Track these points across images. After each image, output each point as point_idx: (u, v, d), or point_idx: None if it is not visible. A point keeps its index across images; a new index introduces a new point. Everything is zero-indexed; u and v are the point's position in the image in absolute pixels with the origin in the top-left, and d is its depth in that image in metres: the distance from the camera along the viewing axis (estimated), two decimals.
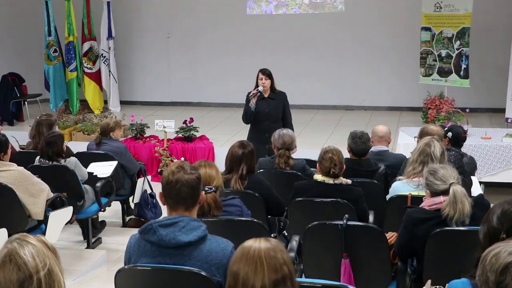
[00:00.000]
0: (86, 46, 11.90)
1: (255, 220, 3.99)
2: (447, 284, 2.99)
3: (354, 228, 3.84)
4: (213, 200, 3.76)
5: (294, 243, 4.22)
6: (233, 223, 3.85)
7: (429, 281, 3.08)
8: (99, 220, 6.72)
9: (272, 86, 7.16)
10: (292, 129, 6.79)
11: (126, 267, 2.97)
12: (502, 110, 10.11)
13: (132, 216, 7.10)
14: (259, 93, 7.05)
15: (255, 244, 2.22)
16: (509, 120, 9.82)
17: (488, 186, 7.37)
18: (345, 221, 3.80)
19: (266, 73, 7.11)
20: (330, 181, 4.56)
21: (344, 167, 4.61)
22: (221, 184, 3.88)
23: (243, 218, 3.92)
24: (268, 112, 7.11)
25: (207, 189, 3.64)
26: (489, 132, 7.99)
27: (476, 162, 6.26)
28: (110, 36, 11.97)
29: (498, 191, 7.43)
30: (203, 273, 2.84)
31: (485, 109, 11.13)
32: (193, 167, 3.06)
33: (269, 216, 4.89)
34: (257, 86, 7.13)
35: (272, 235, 4.21)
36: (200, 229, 2.92)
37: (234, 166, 4.75)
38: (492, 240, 2.62)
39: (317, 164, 4.63)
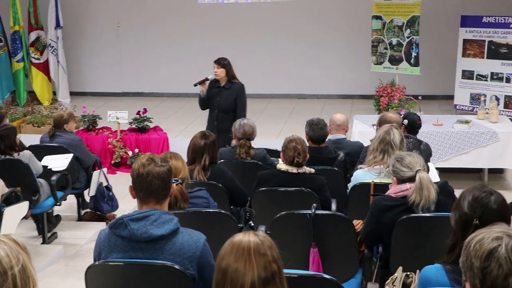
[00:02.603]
0: (33, 35, 11.55)
1: (223, 211, 3.97)
2: (417, 270, 3.04)
3: (322, 217, 3.86)
4: (179, 192, 3.72)
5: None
6: (201, 215, 3.82)
7: (400, 268, 3.11)
8: (54, 214, 6.58)
9: (229, 75, 7.12)
10: None
11: (96, 263, 2.90)
12: (451, 97, 10.33)
13: (88, 210, 6.98)
14: (207, 80, 7.11)
15: (244, 240, 2.17)
16: (457, 107, 10.04)
17: (440, 172, 7.51)
18: (313, 210, 3.81)
19: (219, 62, 7.10)
20: (293, 170, 4.57)
21: (308, 156, 4.62)
22: (187, 176, 3.86)
23: (211, 210, 3.90)
24: (219, 101, 7.10)
25: (173, 181, 3.59)
26: (440, 119, 8.14)
27: (431, 148, 6.37)
28: (58, 25, 11.64)
29: (450, 177, 7.56)
30: (176, 266, 2.80)
31: (434, 96, 11.33)
32: (163, 159, 3.01)
33: (231, 207, 4.88)
34: None
35: (238, 225, 4.18)
36: (172, 222, 2.88)
37: (197, 157, 4.71)
38: (465, 226, 2.67)
39: (281, 153, 4.63)
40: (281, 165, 4.64)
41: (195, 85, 7.20)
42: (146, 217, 2.85)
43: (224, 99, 7.09)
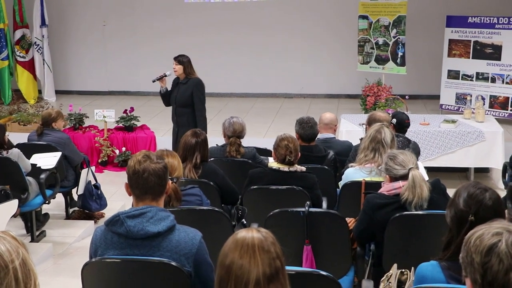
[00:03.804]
0: (18, 34, 11.48)
1: (216, 208, 3.97)
2: (412, 268, 3.06)
3: (315, 214, 3.87)
4: (173, 191, 3.71)
5: None
6: (194, 212, 3.82)
7: (395, 265, 3.13)
8: (42, 212, 6.54)
9: (186, 71, 7.25)
10: (201, 116, 7.16)
11: (93, 260, 2.89)
12: (437, 97, 10.41)
13: (76, 208, 6.95)
14: (165, 76, 7.44)
15: (248, 236, 2.16)
16: (443, 107, 10.12)
17: (427, 171, 7.55)
18: (306, 208, 3.82)
19: (178, 60, 7.30)
20: (285, 168, 4.58)
21: (300, 155, 4.63)
22: (181, 175, 3.85)
23: (204, 207, 3.90)
24: (176, 96, 7.29)
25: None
26: (427, 119, 8.19)
27: (419, 147, 6.41)
28: (43, 23, 11.57)
29: (436, 176, 7.58)
30: (173, 263, 2.80)
31: (420, 96, 11.41)
32: (159, 157, 3.01)
33: (222, 205, 4.88)
34: None
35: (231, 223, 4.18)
36: (168, 219, 2.88)
37: (188, 155, 4.72)
38: (461, 223, 2.70)
39: (273, 151, 4.65)
40: (273, 163, 4.65)
41: (154, 81, 7.47)
42: (143, 214, 2.85)
43: (180, 94, 7.27)
